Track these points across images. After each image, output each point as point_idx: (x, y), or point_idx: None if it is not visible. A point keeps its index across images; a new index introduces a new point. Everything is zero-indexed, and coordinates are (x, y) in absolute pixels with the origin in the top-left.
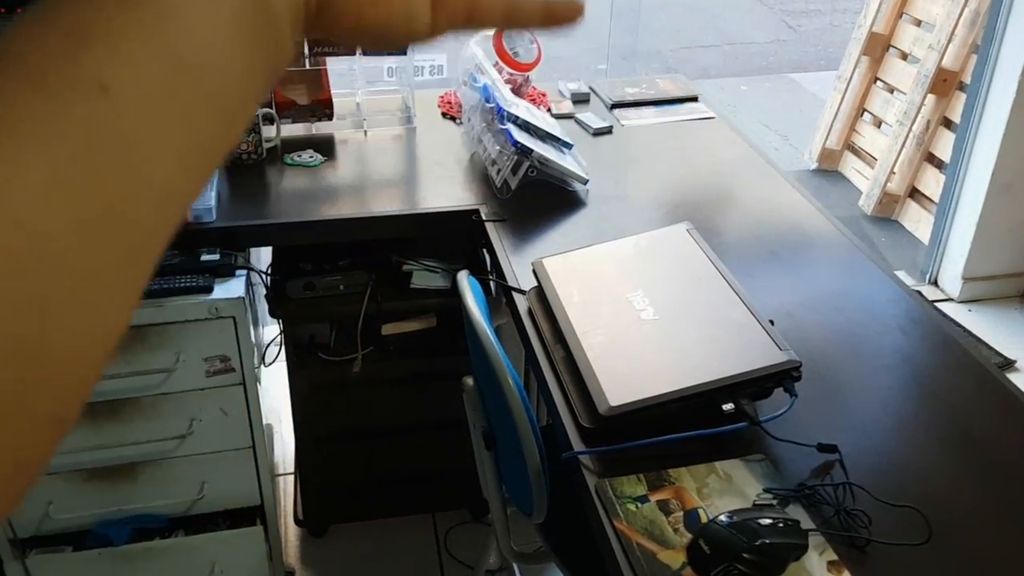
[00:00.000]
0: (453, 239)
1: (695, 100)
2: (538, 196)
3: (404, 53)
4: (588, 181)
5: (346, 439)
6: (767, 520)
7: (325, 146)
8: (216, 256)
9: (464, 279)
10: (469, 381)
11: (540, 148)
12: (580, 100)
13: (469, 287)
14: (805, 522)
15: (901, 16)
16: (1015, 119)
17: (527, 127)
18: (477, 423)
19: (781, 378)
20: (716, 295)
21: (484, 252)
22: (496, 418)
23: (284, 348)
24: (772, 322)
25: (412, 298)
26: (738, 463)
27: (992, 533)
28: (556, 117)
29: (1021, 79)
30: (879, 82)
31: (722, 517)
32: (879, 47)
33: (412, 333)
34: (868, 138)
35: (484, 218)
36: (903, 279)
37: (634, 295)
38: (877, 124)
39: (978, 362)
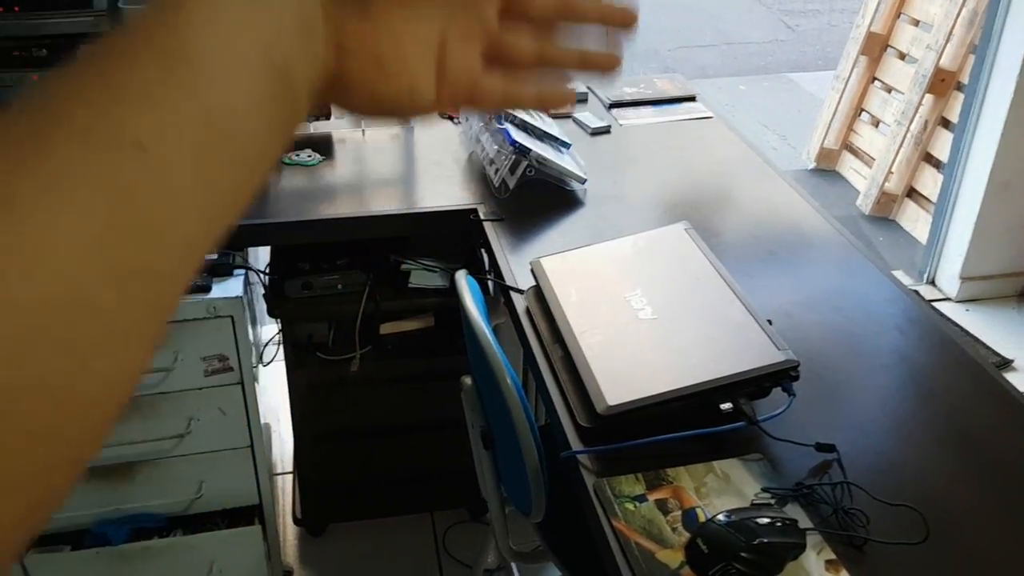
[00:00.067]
0: (451, 239)
1: (693, 100)
2: (536, 196)
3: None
4: (586, 181)
5: (344, 438)
6: (765, 519)
7: (323, 145)
8: (214, 255)
9: (462, 279)
10: (467, 380)
11: (538, 148)
12: (578, 99)
13: (467, 287)
14: (803, 521)
15: (899, 16)
16: (1013, 119)
17: (525, 127)
18: (475, 422)
19: (779, 377)
20: (714, 295)
21: (482, 252)
22: (494, 417)
23: (282, 347)
24: (770, 321)
25: (410, 297)
26: (736, 462)
27: (990, 532)
28: (554, 117)
29: (1019, 79)
30: (877, 82)
31: (720, 516)
32: (877, 47)
33: (410, 332)
34: (866, 138)
35: (482, 217)
36: (901, 279)
37: (632, 295)
38: (875, 124)
39: (976, 361)
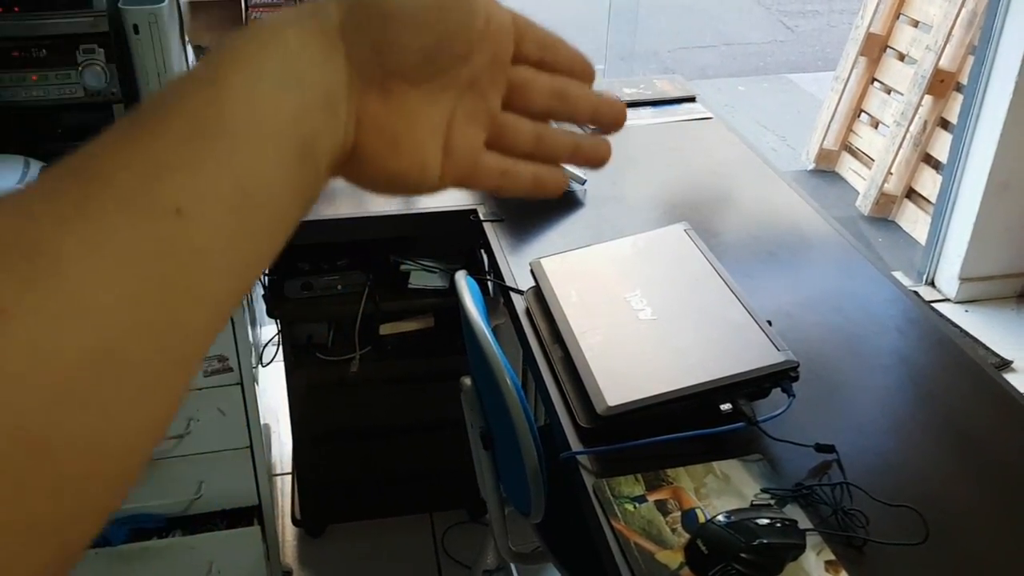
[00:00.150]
0: (451, 239)
1: (693, 100)
2: None
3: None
4: (586, 181)
5: (344, 439)
6: (765, 520)
7: None
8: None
9: (462, 279)
10: (467, 381)
11: None
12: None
13: (467, 287)
14: (803, 522)
15: (898, 17)
16: (1012, 120)
17: None
18: (475, 423)
19: (779, 378)
20: (714, 295)
21: (482, 252)
22: (494, 418)
23: (282, 348)
24: (770, 322)
25: (410, 298)
26: (736, 463)
27: (989, 533)
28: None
29: (1018, 80)
30: (876, 83)
31: (720, 517)
32: (876, 48)
33: (410, 333)
34: (865, 139)
35: (482, 218)
36: (900, 280)
37: (632, 295)
38: (874, 125)
39: (975, 362)
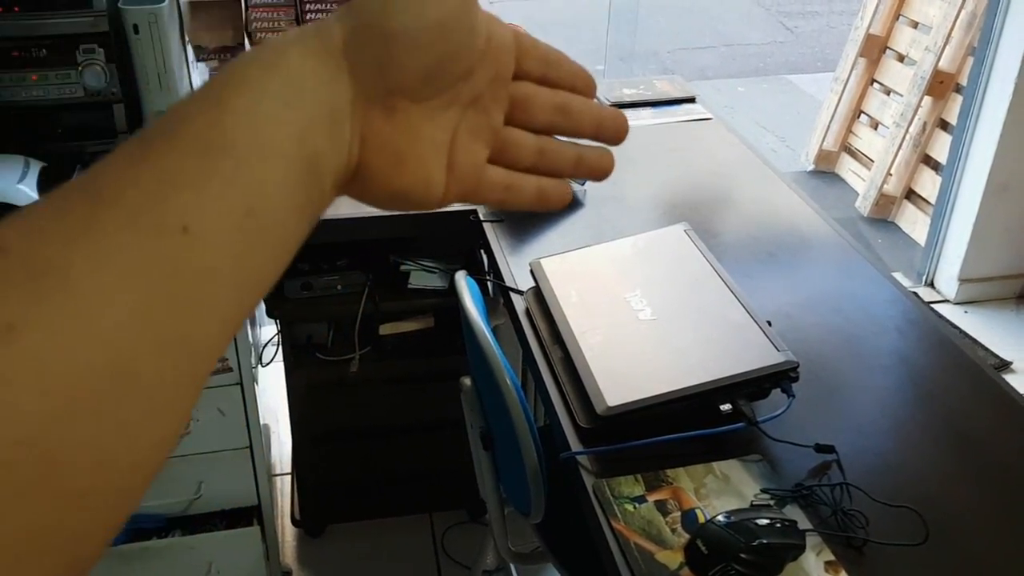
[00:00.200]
0: (451, 239)
1: (692, 101)
2: None
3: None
4: (585, 182)
5: (343, 439)
6: (764, 520)
7: None
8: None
9: (462, 279)
10: (467, 381)
11: None
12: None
13: (467, 287)
14: (802, 522)
15: (898, 18)
16: (1011, 121)
17: None
18: (475, 423)
19: (778, 379)
20: (714, 296)
21: (482, 252)
22: (494, 418)
23: (281, 348)
24: (769, 323)
25: (410, 298)
26: (735, 463)
27: (989, 533)
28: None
29: (1017, 81)
30: (876, 84)
31: (720, 517)
32: (876, 49)
33: (410, 333)
34: (865, 140)
35: (482, 218)
36: (900, 280)
37: (632, 295)
38: (874, 126)
39: (974, 363)
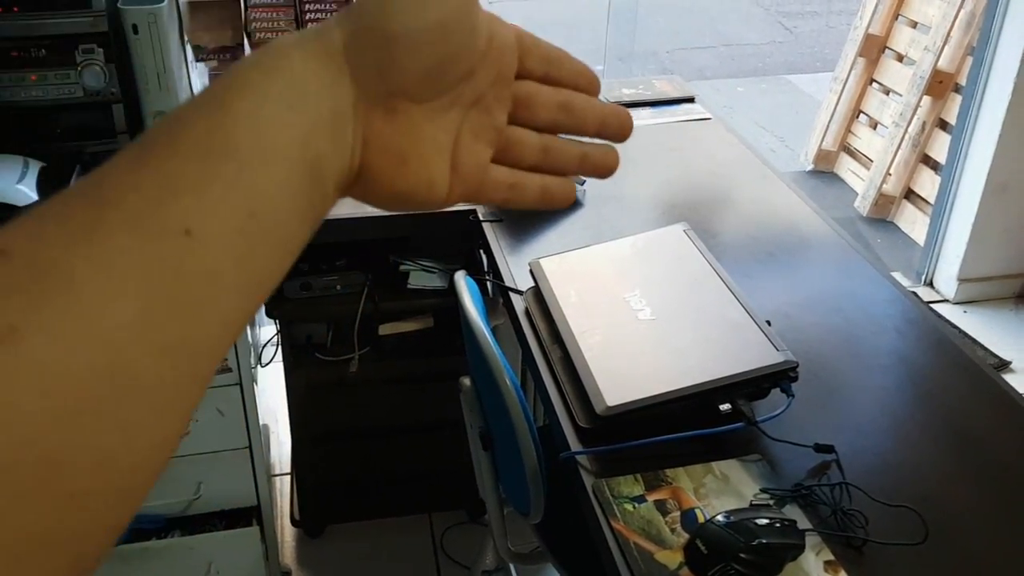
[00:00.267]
0: (450, 239)
1: (692, 101)
2: None
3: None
4: (585, 181)
5: (343, 439)
6: (764, 520)
7: None
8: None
9: (461, 279)
10: (466, 381)
11: None
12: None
13: (466, 287)
14: (802, 522)
15: (897, 18)
16: (1010, 120)
17: None
18: (474, 423)
19: (778, 378)
20: (713, 295)
21: (481, 252)
22: (493, 418)
23: (281, 348)
24: (769, 322)
25: (409, 298)
26: (735, 463)
27: (988, 533)
28: None
29: (1017, 81)
30: (875, 84)
31: (719, 517)
32: (875, 49)
33: (409, 333)
34: (864, 139)
35: (481, 218)
36: (899, 280)
37: (631, 295)
38: (873, 126)
39: (973, 363)
